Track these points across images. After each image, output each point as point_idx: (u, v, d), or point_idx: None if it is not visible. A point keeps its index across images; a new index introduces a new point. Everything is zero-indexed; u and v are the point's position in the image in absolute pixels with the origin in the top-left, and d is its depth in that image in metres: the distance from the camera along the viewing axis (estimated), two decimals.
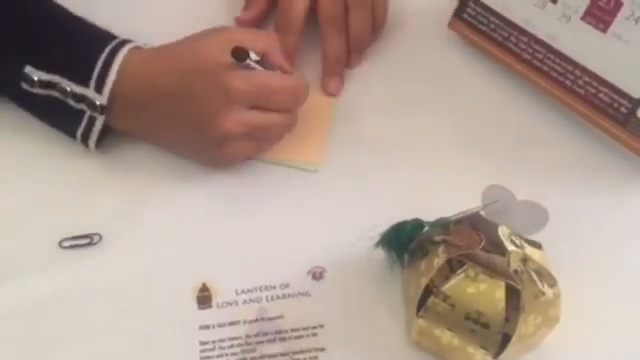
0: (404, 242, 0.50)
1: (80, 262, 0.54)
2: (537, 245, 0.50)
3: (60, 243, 0.54)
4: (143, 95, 0.55)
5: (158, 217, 0.56)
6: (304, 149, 0.60)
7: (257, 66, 0.56)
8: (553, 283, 0.47)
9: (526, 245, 0.48)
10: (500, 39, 0.62)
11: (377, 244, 0.51)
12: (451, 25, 0.65)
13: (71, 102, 0.55)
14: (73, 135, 0.57)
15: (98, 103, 0.54)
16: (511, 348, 0.47)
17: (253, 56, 0.55)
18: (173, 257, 0.55)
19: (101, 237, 0.55)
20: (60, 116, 0.56)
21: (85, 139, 0.56)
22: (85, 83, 0.54)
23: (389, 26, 0.66)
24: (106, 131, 0.57)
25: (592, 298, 0.52)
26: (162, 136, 0.58)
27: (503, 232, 0.47)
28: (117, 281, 0.53)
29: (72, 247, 0.54)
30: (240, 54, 0.53)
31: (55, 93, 0.55)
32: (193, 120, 0.54)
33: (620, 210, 0.58)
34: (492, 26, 0.62)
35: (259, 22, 0.66)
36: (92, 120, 0.55)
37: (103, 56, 0.54)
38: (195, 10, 0.67)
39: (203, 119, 0.54)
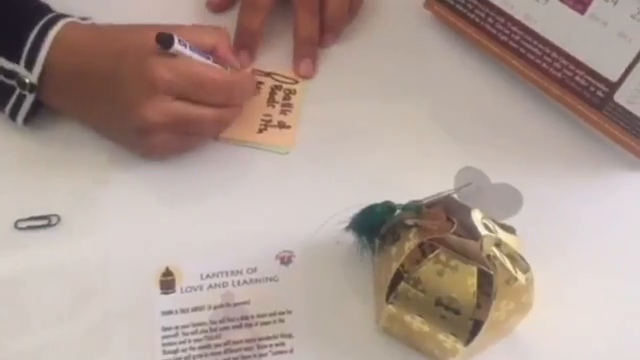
0: (375, 226, 0.49)
1: (37, 244, 0.52)
2: (511, 230, 0.49)
3: (16, 224, 0.52)
4: (74, 74, 0.52)
5: (119, 198, 0.54)
6: (275, 131, 0.58)
7: (195, 56, 0.52)
8: (526, 269, 0.46)
9: (499, 229, 0.47)
10: (477, 20, 0.61)
11: (347, 228, 0.50)
12: (427, 5, 0.64)
13: (2, 77, 0.52)
14: (2, 110, 0.55)
15: (27, 81, 0.52)
16: (482, 335, 0.46)
17: (180, 48, 0.51)
18: (135, 240, 0.53)
19: (59, 218, 0.53)
20: None
21: (14, 115, 0.54)
22: (16, 60, 0.52)
23: (365, 5, 0.65)
24: (39, 107, 0.54)
25: (565, 284, 0.52)
26: (91, 117, 0.55)
27: (476, 216, 0.46)
28: (76, 264, 0.52)
29: (29, 228, 0.52)
30: (164, 40, 0.50)
31: None
32: (119, 105, 0.52)
33: (595, 195, 0.58)
34: (469, 6, 0.61)
35: (230, 3, 0.64)
36: (21, 97, 0.53)
37: (34, 33, 0.52)
38: None
39: (127, 105, 0.51)
